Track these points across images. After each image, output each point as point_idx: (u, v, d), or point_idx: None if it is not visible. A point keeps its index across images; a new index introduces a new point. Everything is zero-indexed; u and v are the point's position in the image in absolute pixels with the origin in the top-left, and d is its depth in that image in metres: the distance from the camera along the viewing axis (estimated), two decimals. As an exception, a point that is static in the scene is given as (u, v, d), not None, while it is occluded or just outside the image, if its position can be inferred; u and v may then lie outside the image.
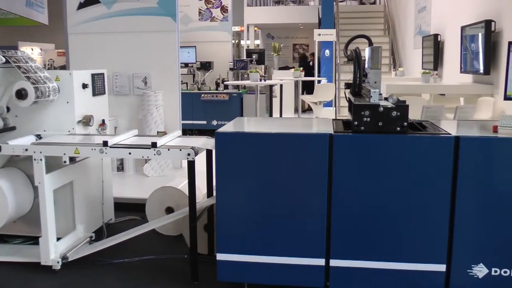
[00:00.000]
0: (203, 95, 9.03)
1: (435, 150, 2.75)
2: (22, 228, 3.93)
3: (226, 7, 10.29)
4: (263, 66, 9.72)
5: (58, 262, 3.50)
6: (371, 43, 3.39)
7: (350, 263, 2.90)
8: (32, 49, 13.56)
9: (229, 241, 3.00)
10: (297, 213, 2.91)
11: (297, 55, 19.55)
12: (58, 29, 7.90)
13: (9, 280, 3.42)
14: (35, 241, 3.70)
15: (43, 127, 3.83)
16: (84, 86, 3.95)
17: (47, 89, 3.66)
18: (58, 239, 3.59)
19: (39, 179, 3.43)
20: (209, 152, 3.64)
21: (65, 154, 3.43)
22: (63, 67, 10.95)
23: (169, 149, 3.36)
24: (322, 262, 2.93)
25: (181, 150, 3.34)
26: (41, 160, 3.41)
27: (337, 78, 11.82)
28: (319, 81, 11.17)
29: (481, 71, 5.63)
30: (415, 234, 2.82)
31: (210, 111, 9.00)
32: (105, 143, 3.40)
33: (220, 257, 3.02)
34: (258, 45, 18.76)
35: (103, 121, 4.20)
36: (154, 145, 3.36)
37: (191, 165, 3.32)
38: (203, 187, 3.86)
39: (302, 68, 11.65)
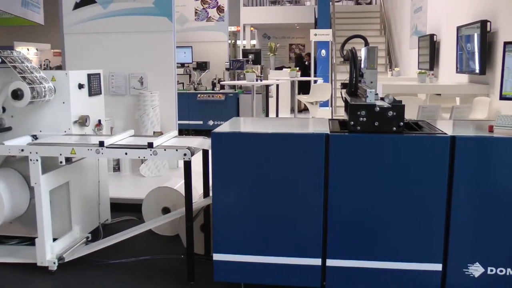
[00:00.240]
0: (199, 95, 9.03)
1: (431, 149, 2.76)
2: (18, 229, 3.93)
3: (222, 7, 10.29)
4: (259, 66, 9.72)
5: (54, 263, 3.49)
6: (367, 43, 3.39)
7: (346, 263, 2.91)
8: (28, 49, 13.50)
9: (226, 241, 3.00)
10: (294, 213, 2.91)
11: (293, 55, 19.56)
12: (54, 29, 7.90)
13: (5, 281, 3.41)
14: (31, 242, 3.68)
15: (39, 127, 3.82)
16: (80, 86, 3.94)
17: (43, 89, 3.65)
18: (54, 240, 3.59)
19: (35, 179, 3.42)
20: (205, 152, 3.64)
21: (61, 154, 3.42)
22: (59, 67, 10.94)
23: (165, 150, 3.36)
24: (318, 262, 2.94)
25: (177, 150, 3.33)
26: (37, 160, 3.40)
27: (333, 78, 11.84)
28: (315, 81, 11.18)
29: (477, 71, 5.64)
30: (412, 233, 2.83)
31: (206, 111, 9.00)
32: (101, 144, 3.39)
33: (216, 257, 3.02)
34: (254, 45, 18.77)
35: (99, 121, 4.20)
36: (150, 145, 3.35)
37: (187, 165, 3.31)
38: (199, 187, 3.86)
39: (298, 68, 11.65)
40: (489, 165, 2.74)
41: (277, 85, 9.92)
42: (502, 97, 3.17)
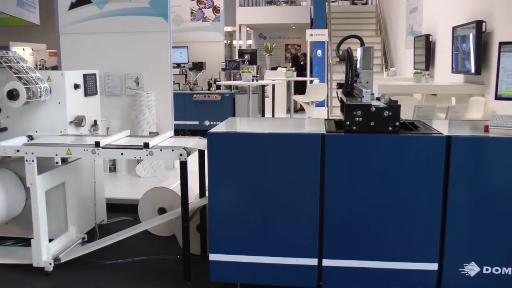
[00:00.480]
0: (195, 96, 9.02)
1: (427, 149, 2.77)
2: (13, 229, 3.92)
3: (218, 7, 10.28)
4: (255, 66, 9.72)
5: (50, 263, 3.49)
6: (363, 43, 3.40)
7: (342, 263, 2.91)
8: (23, 49, 13.46)
9: (222, 241, 3.00)
10: (290, 213, 2.91)
11: (289, 55, 19.56)
12: (49, 29, 7.87)
13: (1, 282, 3.40)
14: (27, 242, 3.68)
15: (35, 127, 3.81)
16: (76, 86, 3.93)
17: (39, 90, 3.64)
18: (50, 241, 3.58)
19: (31, 180, 3.41)
20: (201, 152, 3.64)
21: (57, 155, 3.41)
22: (54, 68, 10.90)
23: (161, 150, 3.36)
24: (314, 262, 2.94)
25: (173, 150, 3.33)
26: (33, 161, 3.39)
27: (329, 78, 11.85)
28: (311, 81, 11.19)
29: (472, 71, 5.66)
30: (407, 233, 2.84)
31: (202, 112, 8.99)
32: (97, 144, 3.39)
33: (212, 257, 3.02)
34: (250, 45, 18.75)
35: (95, 121, 4.19)
36: (146, 145, 3.35)
37: (184, 166, 3.31)
38: (195, 188, 3.86)
39: (294, 68, 11.66)
40: (485, 165, 2.75)
41: (273, 85, 9.92)
42: (497, 97, 3.18)
